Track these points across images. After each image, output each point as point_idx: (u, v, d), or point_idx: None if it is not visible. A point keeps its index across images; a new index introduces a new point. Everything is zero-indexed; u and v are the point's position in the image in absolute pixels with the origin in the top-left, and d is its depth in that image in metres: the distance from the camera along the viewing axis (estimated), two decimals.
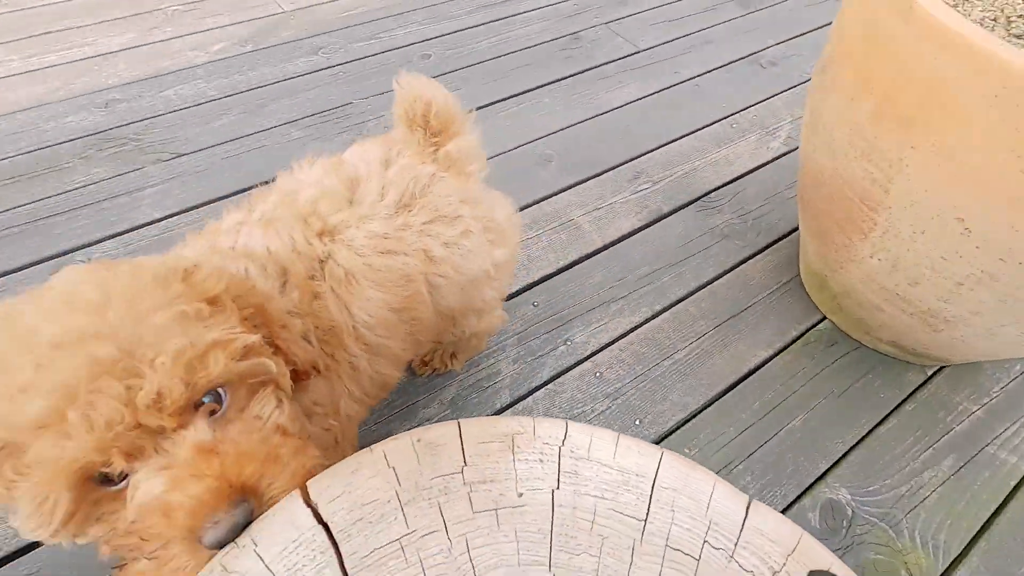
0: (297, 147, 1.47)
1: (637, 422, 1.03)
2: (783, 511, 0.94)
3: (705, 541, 0.45)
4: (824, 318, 1.20)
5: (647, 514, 0.46)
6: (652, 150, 1.56)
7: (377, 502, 0.45)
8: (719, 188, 1.47)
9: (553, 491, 0.46)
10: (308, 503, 0.44)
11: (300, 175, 0.72)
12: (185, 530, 0.40)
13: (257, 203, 0.69)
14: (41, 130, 1.48)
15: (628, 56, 1.88)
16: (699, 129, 1.63)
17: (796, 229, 1.37)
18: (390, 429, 1.01)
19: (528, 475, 0.47)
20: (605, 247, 1.32)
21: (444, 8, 2.00)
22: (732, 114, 1.68)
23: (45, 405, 0.37)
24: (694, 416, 1.05)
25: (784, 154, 1.56)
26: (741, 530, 0.45)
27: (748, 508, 0.46)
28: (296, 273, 0.61)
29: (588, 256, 1.30)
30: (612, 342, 1.15)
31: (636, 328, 1.17)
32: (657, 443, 0.99)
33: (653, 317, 1.19)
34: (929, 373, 1.12)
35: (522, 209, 1.37)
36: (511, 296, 1.20)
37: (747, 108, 1.70)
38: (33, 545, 0.87)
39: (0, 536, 0.87)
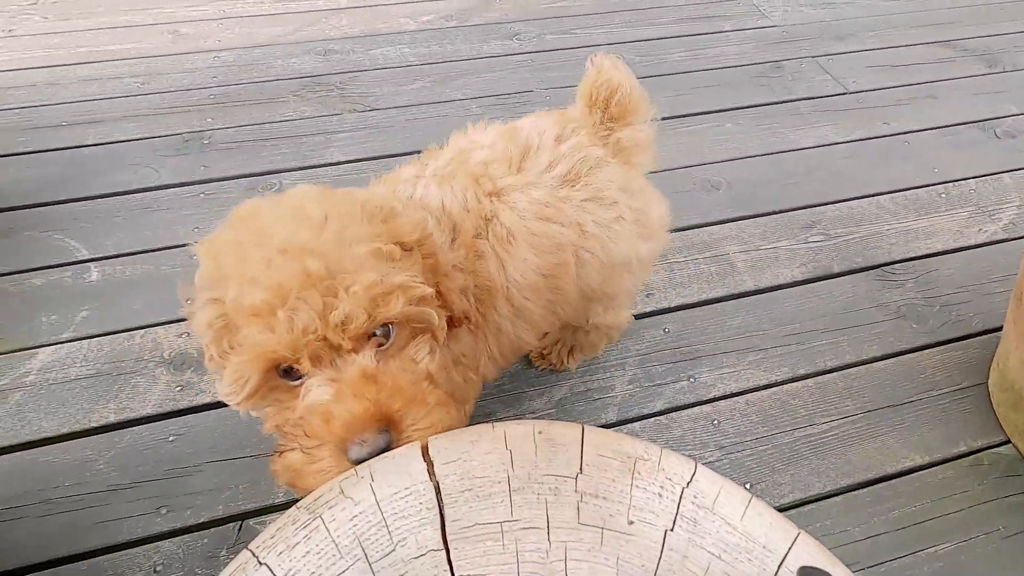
0: (474, 122, 1.53)
1: (748, 486, 0.94)
2: None
3: None
4: (1008, 441, 1.00)
5: None
6: (835, 202, 1.41)
7: (488, 479, 0.45)
8: (907, 261, 1.29)
9: (666, 531, 0.43)
10: (426, 457, 0.45)
11: (474, 136, 0.76)
12: (337, 438, 0.46)
13: (429, 160, 0.74)
14: (270, 65, 1.70)
15: (832, 96, 1.71)
16: (898, 191, 1.44)
17: (996, 330, 1.16)
18: (493, 410, 1.02)
19: (643, 505, 0.44)
20: (756, 292, 1.22)
21: (647, 14, 1.97)
22: (944, 182, 1.46)
23: (264, 298, 0.45)
24: (815, 500, 0.93)
25: (1002, 241, 1.33)
26: None
27: None
28: (465, 231, 0.65)
29: (735, 296, 1.21)
30: (739, 393, 1.06)
31: (770, 386, 1.07)
32: None
33: (793, 380, 1.08)
34: None
35: (676, 231, 1.31)
36: (643, 315, 1.16)
37: (964, 179, 1.47)
38: (183, 411, 1.01)
39: (158, 398, 1.02)
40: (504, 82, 1.69)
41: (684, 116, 1.61)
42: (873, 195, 1.43)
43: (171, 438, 0.98)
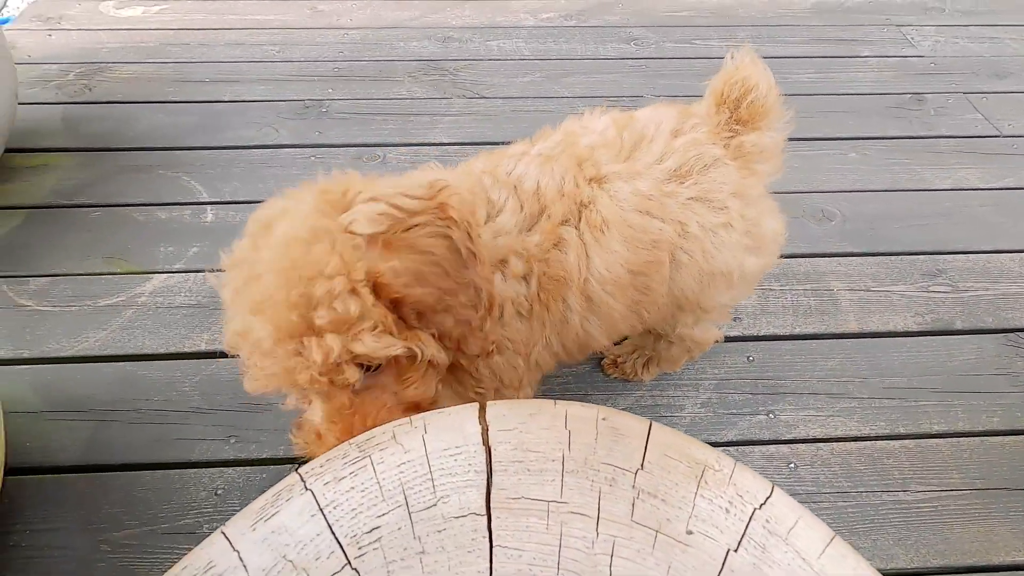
0: None
1: None
2: None
3: None
4: None
5: None
6: (967, 252, 1.26)
7: (542, 455, 0.43)
8: None
9: (729, 550, 0.39)
10: (482, 420, 0.44)
11: (588, 121, 0.74)
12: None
13: (538, 140, 0.73)
14: (392, 46, 1.78)
15: (981, 137, 1.53)
16: None
17: None
18: None
19: (707, 517, 0.40)
20: (859, 335, 1.11)
21: (776, 31, 1.87)
22: None
23: (233, 345, 0.54)
24: None
25: None
26: None
27: None
28: (553, 215, 0.63)
29: (834, 336, 1.10)
30: (823, 440, 0.96)
31: (861, 439, 0.97)
32: None
33: (889, 438, 0.97)
34: None
35: None
36: (726, 340, 1.08)
37: None
38: None
39: None
40: (615, 85, 1.66)
41: (804, 139, 1.50)
42: (1017, 251, 1.26)
43: None
